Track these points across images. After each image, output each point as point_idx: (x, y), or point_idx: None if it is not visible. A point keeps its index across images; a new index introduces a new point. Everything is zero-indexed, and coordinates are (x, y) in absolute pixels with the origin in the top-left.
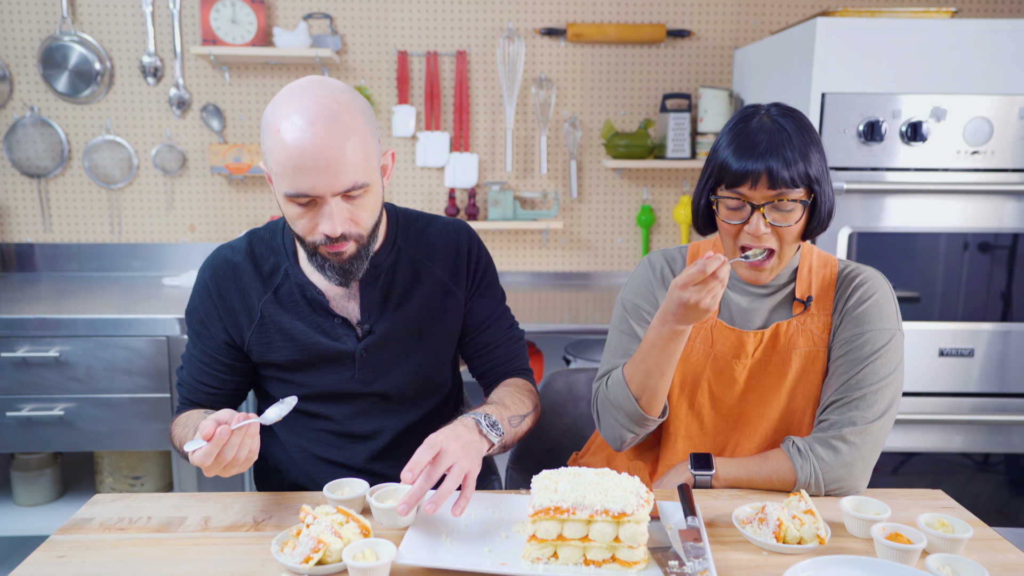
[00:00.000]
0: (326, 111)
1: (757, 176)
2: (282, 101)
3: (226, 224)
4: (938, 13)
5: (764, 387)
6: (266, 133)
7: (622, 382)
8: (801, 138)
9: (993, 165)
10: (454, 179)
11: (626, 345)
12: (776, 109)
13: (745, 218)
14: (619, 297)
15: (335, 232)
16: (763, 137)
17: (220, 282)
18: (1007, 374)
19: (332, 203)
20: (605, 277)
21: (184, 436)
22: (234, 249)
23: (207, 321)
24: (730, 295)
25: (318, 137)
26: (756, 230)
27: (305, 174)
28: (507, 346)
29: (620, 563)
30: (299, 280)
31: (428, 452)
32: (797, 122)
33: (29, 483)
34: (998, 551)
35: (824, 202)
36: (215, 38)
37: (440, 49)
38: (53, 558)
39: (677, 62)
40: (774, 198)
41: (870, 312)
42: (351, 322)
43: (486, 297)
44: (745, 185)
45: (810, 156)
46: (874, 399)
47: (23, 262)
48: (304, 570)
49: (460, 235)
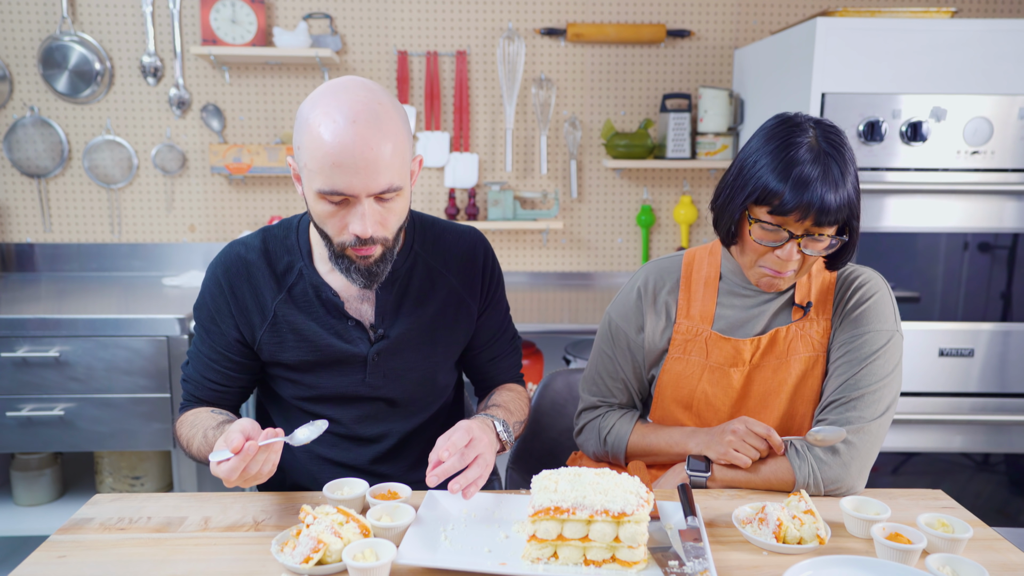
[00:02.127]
0: (369, 112)
1: (806, 212)
2: (323, 98)
3: (226, 224)
4: (938, 13)
5: (763, 392)
6: (302, 129)
7: (623, 446)
8: (847, 171)
9: (993, 165)
10: (454, 179)
11: (608, 366)
12: (822, 132)
13: (780, 243)
14: (607, 310)
15: (366, 233)
16: (815, 172)
17: (233, 279)
18: (1007, 374)
19: (365, 203)
20: (605, 277)
21: (192, 436)
22: (248, 247)
23: (218, 318)
24: (727, 305)
25: (359, 137)
26: (788, 257)
27: (343, 172)
28: (510, 357)
29: (620, 563)
30: (314, 280)
31: (465, 436)
32: (841, 152)
33: (29, 483)
34: (998, 551)
35: (856, 235)
36: (215, 38)
37: (440, 49)
38: (53, 558)
39: (677, 62)
40: (815, 232)
41: (869, 313)
42: (364, 325)
43: (496, 311)
44: (793, 215)
45: (853, 194)
46: (872, 399)
47: (23, 262)
48: (304, 570)
49: (476, 246)
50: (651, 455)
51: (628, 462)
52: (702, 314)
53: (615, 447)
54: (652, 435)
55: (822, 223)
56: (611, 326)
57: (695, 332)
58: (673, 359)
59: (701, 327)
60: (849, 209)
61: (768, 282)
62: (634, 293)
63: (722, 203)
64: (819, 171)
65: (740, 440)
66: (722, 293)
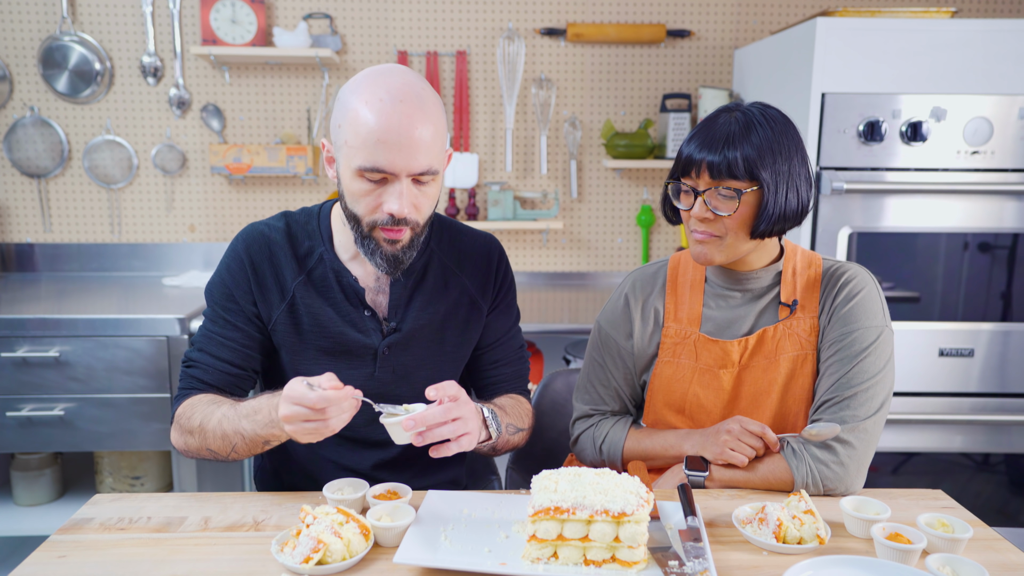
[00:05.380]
0: (414, 94)
1: (700, 165)
2: (367, 79)
3: (226, 224)
4: (938, 13)
5: (754, 392)
6: (343, 109)
7: (619, 453)
8: (762, 135)
9: (993, 165)
10: (454, 179)
11: (599, 374)
12: (756, 106)
13: (691, 204)
14: (597, 318)
15: (401, 212)
16: (719, 132)
17: (255, 255)
18: (1007, 374)
19: (404, 182)
20: (605, 277)
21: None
22: (271, 226)
23: (237, 294)
24: (713, 307)
25: (406, 116)
26: (701, 215)
27: (387, 149)
28: (515, 365)
29: (620, 563)
30: (335, 266)
31: (457, 390)
32: (768, 120)
33: (29, 483)
34: (998, 551)
35: (771, 201)
36: (215, 38)
37: (440, 49)
38: (53, 558)
39: (677, 62)
40: (713, 185)
41: (857, 310)
42: (379, 316)
43: (504, 315)
44: (691, 174)
45: (765, 153)
46: (866, 397)
47: (23, 262)
48: (304, 570)
49: (492, 250)
50: (647, 460)
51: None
52: (689, 317)
53: (611, 455)
54: (647, 440)
55: (720, 175)
56: (600, 334)
57: (683, 335)
58: (663, 363)
59: (689, 330)
60: (749, 161)
61: (695, 249)
62: (622, 300)
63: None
64: (723, 131)
65: (735, 439)
66: (708, 295)
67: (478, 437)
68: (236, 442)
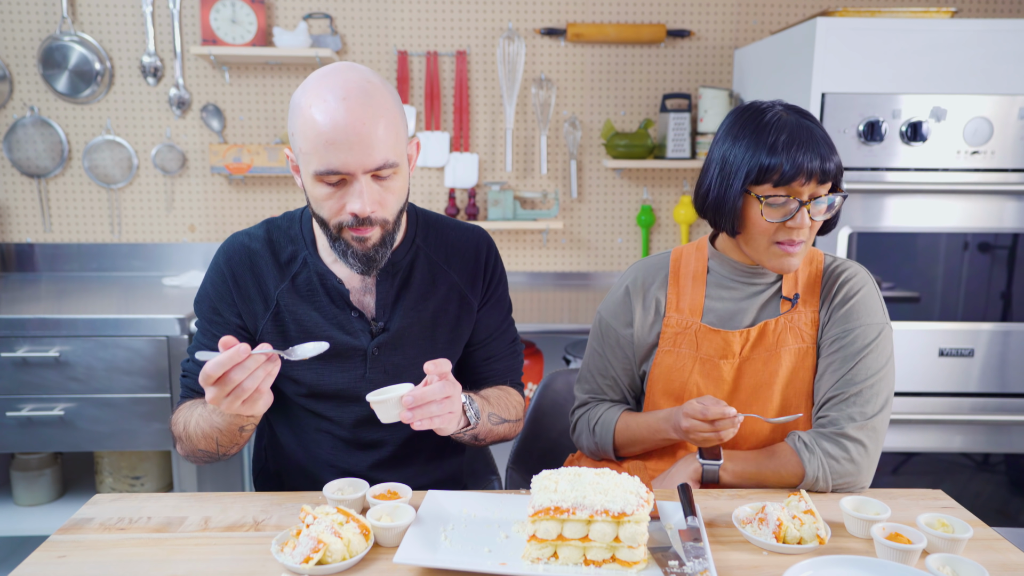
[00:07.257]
0: (359, 89)
1: (810, 173)
2: (313, 82)
3: (226, 224)
4: (938, 13)
5: (755, 384)
6: (295, 114)
7: (610, 433)
8: (823, 131)
9: (993, 165)
10: (454, 179)
11: (598, 363)
12: (783, 106)
13: (791, 214)
14: (598, 308)
15: (364, 211)
16: (800, 136)
17: (236, 268)
18: (1007, 374)
19: (362, 180)
20: (605, 277)
21: (189, 416)
22: (251, 236)
23: (220, 307)
24: (716, 298)
25: (351, 113)
26: (802, 224)
27: (337, 150)
28: (507, 360)
29: (620, 563)
30: (319, 269)
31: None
32: (810, 116)
33: (29, 483)
34: (998, 551)
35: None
36: (215, 38)
37: (440, 49)
38: (53, 558)
39: (677, 62)
40: (821, 193)
41: (857, 308)
42: (367, 317)
43: (496, 309)
44: (798, 181)
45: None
46: (870, 394)
47: (23, 262)
48: (304, 570)
49: (480, 243)
50: (637, 443)
51: (617, 455)
52: (691, 307)
53: (603, 436)
54: (633, 422)
55: (825, 180)
56: (601, 324)
57: (685, 325)
58: (663, 352)
59: (691, 320)
60: (839, 164)
61: (785, 262)
62: (622, 290)
63: (714, 200)
64: (804, 135)
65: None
66: (710, 286)
67: (457, 422)
68: (216, 436)
